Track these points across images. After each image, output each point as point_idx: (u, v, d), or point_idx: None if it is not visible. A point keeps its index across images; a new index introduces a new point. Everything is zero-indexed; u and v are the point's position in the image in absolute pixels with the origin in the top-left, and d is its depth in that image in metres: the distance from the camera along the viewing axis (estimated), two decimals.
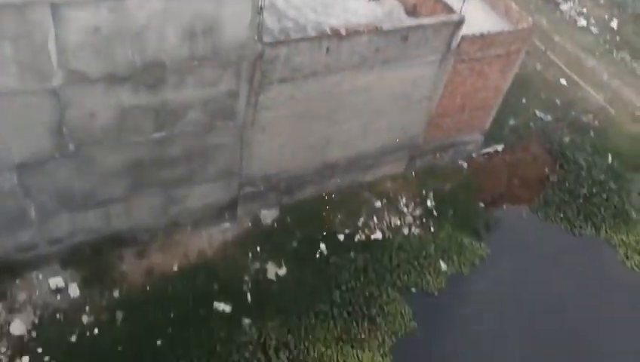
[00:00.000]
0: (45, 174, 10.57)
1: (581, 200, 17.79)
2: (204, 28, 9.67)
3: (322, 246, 14.46)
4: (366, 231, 15.20)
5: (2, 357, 10.95)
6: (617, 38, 25.87)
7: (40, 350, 11.19)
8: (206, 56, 10.17)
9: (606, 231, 17.44)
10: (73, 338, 11.52)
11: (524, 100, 20.69)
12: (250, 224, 14.47)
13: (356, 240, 14.90)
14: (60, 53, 8.95)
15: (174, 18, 9.38)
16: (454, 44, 13.53)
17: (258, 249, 13.97)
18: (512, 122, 19.30)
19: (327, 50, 11.61)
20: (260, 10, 10.08)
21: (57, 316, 11.78)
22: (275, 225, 14.60)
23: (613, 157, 19.41)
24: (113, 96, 9.91)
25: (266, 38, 10.78)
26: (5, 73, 8.77)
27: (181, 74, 10.24)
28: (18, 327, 11.41)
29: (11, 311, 11.58)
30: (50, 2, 8.34)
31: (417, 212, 16.16)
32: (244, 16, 9.90)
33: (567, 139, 19.30)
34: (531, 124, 19.60)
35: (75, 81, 9.41)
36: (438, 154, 17.10)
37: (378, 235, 15.19)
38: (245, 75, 10.97)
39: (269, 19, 11.77)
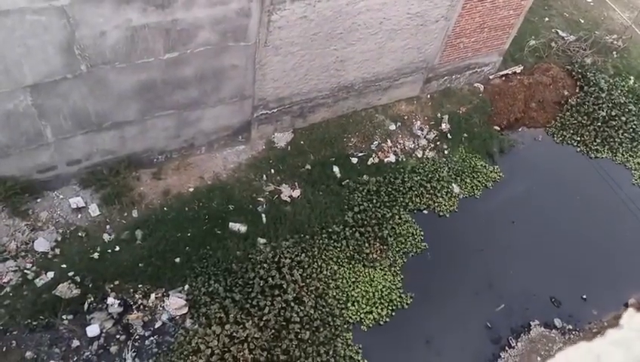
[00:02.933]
0: (59, 95, 10.60)
1: (599, 124, 17.52)
2: None
3: (336, 169, 14.55)
4: (379, 154, 15.22)
5: (29, 272, 11.45)
6: None
7: (64, 266, 11.66)
8: None
9: (622, 155, 17.31)
10: (95, 255, 11.94)
11: (546, 19, 19.96)
12: (264, 147, 14.54)
13: (369, 163, 14.95)
14: None
15: None
16: None
17: (272, 171, 14.11)
18: (532, 42, 18.70)
19: None
20: None
21: (79, 234, 12.17)
22: (289, 148, 14.66)
23: (635, 79, 18.89)
24: (122, 14, 9.72)
25: None
26: None
27: None
28: (42, 244, 11.85)
29: (34, 229, 11.97)
30: None
31: (431, 135, 16.06)
32: None
33: (588, 61, 18.73)
34: (553, 44, 18.98)
35: None
36: (454, 77, 16.76)
37: (391, 158, 15.22)
38: None
39: None
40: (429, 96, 16.70)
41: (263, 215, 13.38)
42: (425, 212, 14.68)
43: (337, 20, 12.38)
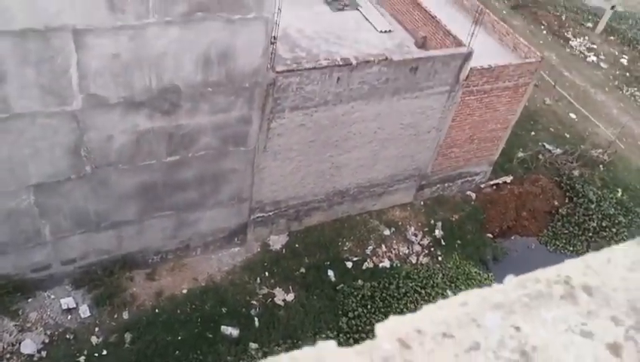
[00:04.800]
0: (61, 195, 10.86)
1: (590, 234, 17.79)
2: (218, 56, 10.05)
3: (330, 273, 14.55)
4: (374, 259, 15.29)
5: None
6: (627, 74, 26.14)
7: None
8: (220, 83, 10.52)
9: None
10: (82, 359, 11.60)
11: (533, 133, 20.88)
12: (259, 249, 14.63)
13: (364, 267, 14.98)
14: (80, 78, 9.32)
15: (191, 46, 9.77)
16: (463, 76, 13.83)
17: (267, 274, 14.09)
18: (520, 154, 19.46)
19: (338, 79, 11.95)
20: (273, 40, 10.47)
21: (67, 336, 11.91)
22: (284, 250, 14.75)
23: (622, 192, 19.43)
24: (130, 120, 10.25)
25: (279, 67, 11.14)
26: (27, 96, 9.14)
27: (195, 100, 10.59)
28: (29, 346, 11.54)
29: (22, 329, 11.73)
30: (73, 29, 8.74)
31: (425, 241, 16.23)
32: (257, 45, 10.27)
33: (576, 173, 19.38)
34: (540, 156, 19.73)
35: (94, 105, 9.77)
36: (446, 184, 17.26)
37: (386, 263, 15.27)
38: (258, 102, 11.31)
39: (282, 49, 12.17)
40: (422, 202, 17.08)
41: (256, 318, 13.18)
42: None
43: (334, 129, 13.01)
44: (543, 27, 27.96)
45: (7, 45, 8.46)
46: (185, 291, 13.18)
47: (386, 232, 16.01)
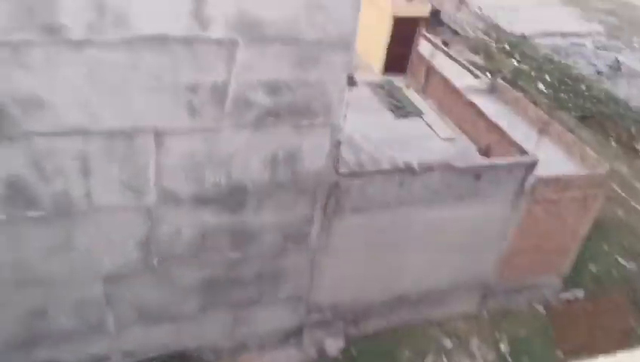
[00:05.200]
0: (128, 286, 11.24)
1: None
2: (285, 157, 10.57)
3: None
4: None
5: None
6: None
7: None
8: (285, 183, 10.95)
9: None
10: None
11: (605, 246, 19.97)
12: (315, 354, 14.27)
13: None
14: (157, 175, 9.98)
15: (260, 148, 10.37)
16: (528, 185, 13.71)
17: None
18: (592, 268, 18.55)
19: (400, 183, 12.14)
20: (337, 144, 10.92)
21: None
22: (340, 356, 14.31)
23: None
24: (198, 215, 10.73)
25: (343, 169, 11.51)
26: (111, 190, 9.83)
27: (261, 198, 11.01)
28: None
29: None
30: (155, 130, 9.52)
31: (490, 356, 15.34)
32: (322, 148, 10.76)
33: None
34: (613, 271, 18.72)
35: (167, 200, 10.35)
36: (512, 296, 16.53)
37: None
38: (320, 203, 11.60)
39: (346, 152, 12.59)
40: (486, 313, 16.34)
41: None
42: None
43: (394, 232, 13.01)
44: (611, 138, 27.58)
45: (96, 144, 9.28)
46: None
47: (447, 343, 15.30)
